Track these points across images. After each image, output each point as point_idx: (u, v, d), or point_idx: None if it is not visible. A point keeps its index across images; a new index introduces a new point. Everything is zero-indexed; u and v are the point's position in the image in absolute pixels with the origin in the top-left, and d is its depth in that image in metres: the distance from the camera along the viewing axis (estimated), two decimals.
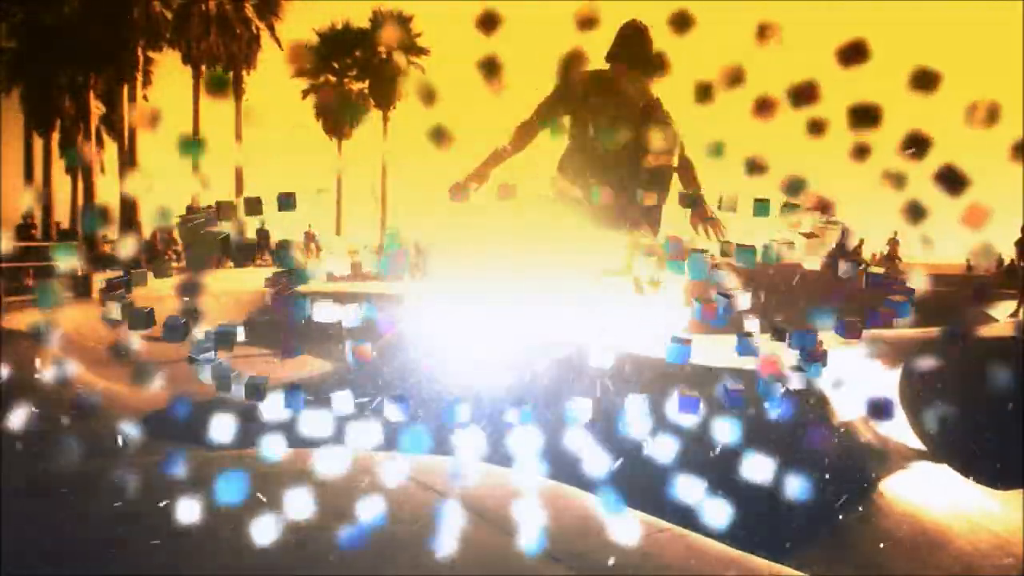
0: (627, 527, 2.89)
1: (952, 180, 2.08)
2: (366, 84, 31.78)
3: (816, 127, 2.11)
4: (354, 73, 31.85)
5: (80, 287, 14.48)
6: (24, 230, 20.34)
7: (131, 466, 3.76)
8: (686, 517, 3.21)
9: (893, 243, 23.58)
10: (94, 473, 3.60)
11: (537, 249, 3.33)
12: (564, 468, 4.62)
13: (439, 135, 2.09)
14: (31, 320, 10.82)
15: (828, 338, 8.51)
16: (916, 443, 6.15)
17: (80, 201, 27.90)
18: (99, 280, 14.80)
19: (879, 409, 3.11)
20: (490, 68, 2.05)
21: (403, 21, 31.52)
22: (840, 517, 5.03)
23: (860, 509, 5.07)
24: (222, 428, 2.42)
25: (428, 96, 2.14)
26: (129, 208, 20.18)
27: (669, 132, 3.13)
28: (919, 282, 2.50)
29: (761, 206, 2.44)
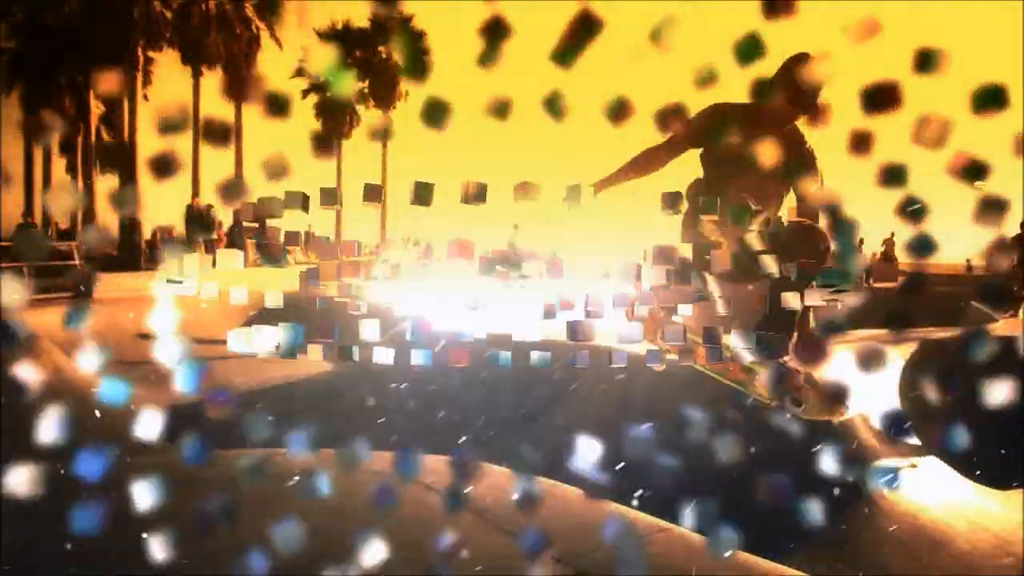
0: (627, 527, 2.88)
1: (913, 210, 1.88)
2: (366, 84, 31.80)
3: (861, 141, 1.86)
4: (354, 73, 31.92)
5: (80, 287, 14.49)
6: (24, 230, 20.36)
7: (131, 465, 3.76)
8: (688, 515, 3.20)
9: (889, 243, 23.52)
10: (93, 472, 3.59)
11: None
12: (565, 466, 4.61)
13: (435, 112, 1.70)
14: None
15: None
16: (916, 443, 6.15)
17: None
18: (99, 280, 14.77)
19: (894, 423, 2.95)
20: (553, 105, 1.77)
21: (403, 21, 31.53)
22: (840, 517, 5.03)
23: (860, 509, 5.07)
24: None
25: (383, 135, 1.87)
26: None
27: (821, 238, 2.79)
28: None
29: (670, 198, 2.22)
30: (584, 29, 1.67)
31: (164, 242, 24.84)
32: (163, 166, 1.80)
